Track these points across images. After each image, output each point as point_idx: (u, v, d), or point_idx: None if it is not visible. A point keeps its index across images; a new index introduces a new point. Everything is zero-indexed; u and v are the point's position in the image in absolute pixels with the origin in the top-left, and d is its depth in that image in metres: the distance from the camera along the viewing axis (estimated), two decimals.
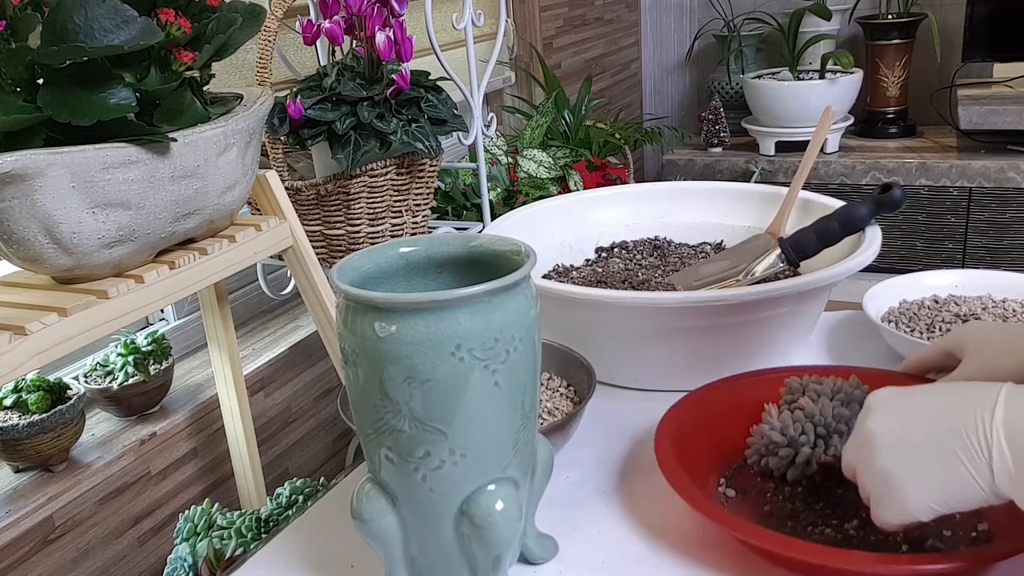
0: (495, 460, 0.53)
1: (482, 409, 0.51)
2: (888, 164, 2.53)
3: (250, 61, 1.56)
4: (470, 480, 0.52)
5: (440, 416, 0.50)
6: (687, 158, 2.79)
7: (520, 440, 0.54)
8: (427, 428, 0.50)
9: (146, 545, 1.29)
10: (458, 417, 0.50)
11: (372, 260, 0.56)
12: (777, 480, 0.69)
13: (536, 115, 2.16)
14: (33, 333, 0.76)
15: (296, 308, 1.69)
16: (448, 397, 0.50)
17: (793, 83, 2.62)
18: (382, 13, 1.24)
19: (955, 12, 2.74)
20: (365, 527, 0.55)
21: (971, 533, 0.61)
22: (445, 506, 0.53)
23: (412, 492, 0.53)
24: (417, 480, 0.52)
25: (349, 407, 0.81)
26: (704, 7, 3.15)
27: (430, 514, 0.54)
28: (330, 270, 0.53)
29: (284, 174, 1.25)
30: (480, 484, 0.53)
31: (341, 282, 0.51)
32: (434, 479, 0.52)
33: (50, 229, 0.76)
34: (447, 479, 0.52)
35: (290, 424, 1.58)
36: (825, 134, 1.02)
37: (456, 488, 0.53)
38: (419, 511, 0.54)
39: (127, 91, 0.77)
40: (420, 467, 0.52)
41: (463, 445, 0.51)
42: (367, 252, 0.56)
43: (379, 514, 0.55)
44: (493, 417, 0.51)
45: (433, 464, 0.51)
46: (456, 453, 0.51)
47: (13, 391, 1.12)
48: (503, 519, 0.52)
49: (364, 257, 0.56)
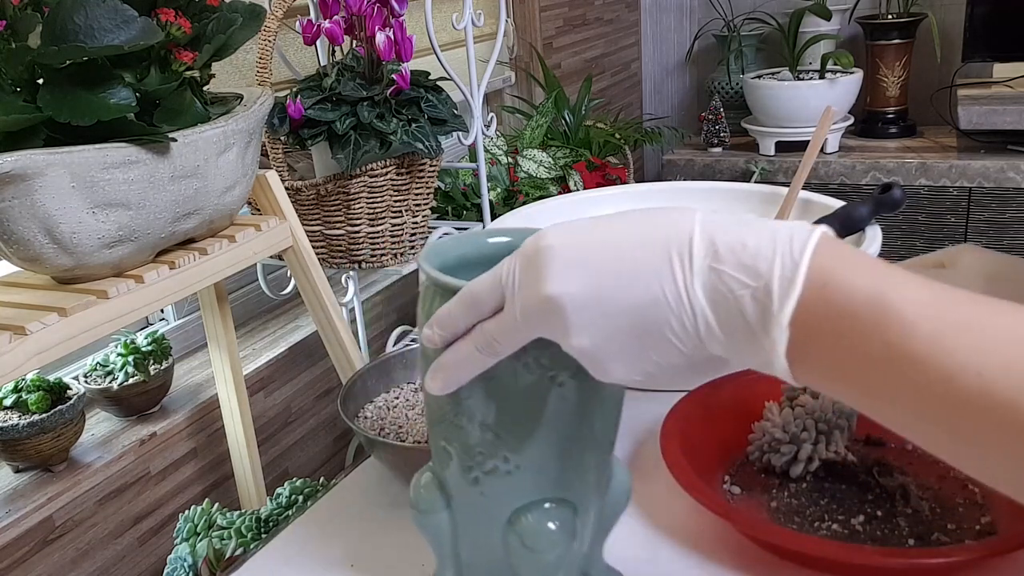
0: (553, 477, 0.49)
1: (543, 422, 0.47)
2: (888, 164, 2.53)
3: (250, 61, 1.56)
4: (523, 492, 0.49)
5: (497, 420, 0.47)
6: (687, 158, 2.79)
7: (586, 462, 0.50)
8: (484, 428, 0.48)
9: (146, 545, 1.29)
10: (516, 424, 0.47)
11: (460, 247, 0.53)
12: (780, 477, 0.69)
13: (536, 115, 2.16)
14: (33, 333, 0.76)
15: (296, 308, 1.69)
16: (507, 402, 0.47)
17: (793, 83, 2.62)
18: (382, 13, 1.24)
19: (955, 12, 2.74)
20: (418, 518, 0.53)
21: (975, 526, 0.61)
22: (495, 513, 0.50)
23: (464, 491, 0.51)
24: (469, 480, 0.50)
25: (349, 407, 0.81)
26: (704, 7, 3.15)
27: (480, 518, 0.51)
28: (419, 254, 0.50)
29: (284, 174, 1.25)
30: (534, 499, 0.49)
31: (428, 265, 0.49)
32: (486, 483, 0.49)
33: (50, 229, 0.76)
34: (499, 486, 0.49)
35: (290, 424, 1.58)
36: (825, 134, 1.02)
37: (508, 497, 0.49)
38: (470, 513, 0.52)
39: (127, 91, 0.77)
40: (474, 467, 0.49)
41: (519, 454, 0.48)
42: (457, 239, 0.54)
43: (433, 508, 0.52)
44: (555, 432, 0.47)
45: (487, 467, 0.49)
46: (511, 461, 0.48)
47: (13, 391, 1.12)
48: (550, 543, 0.49)
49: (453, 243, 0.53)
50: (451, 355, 0.44)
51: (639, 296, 0.38)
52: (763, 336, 0.37)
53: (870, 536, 0.61)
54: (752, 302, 0.37)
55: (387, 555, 0.67)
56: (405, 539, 0.69)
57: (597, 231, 0.40)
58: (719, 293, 0.37)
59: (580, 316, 0.39)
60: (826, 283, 0.36)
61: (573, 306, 0.39)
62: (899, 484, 0.65)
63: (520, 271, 0.41)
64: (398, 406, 0.82)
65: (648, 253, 0.39)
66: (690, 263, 0.38)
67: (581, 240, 0.40)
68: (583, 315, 0.39)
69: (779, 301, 0.36)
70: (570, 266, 0.39)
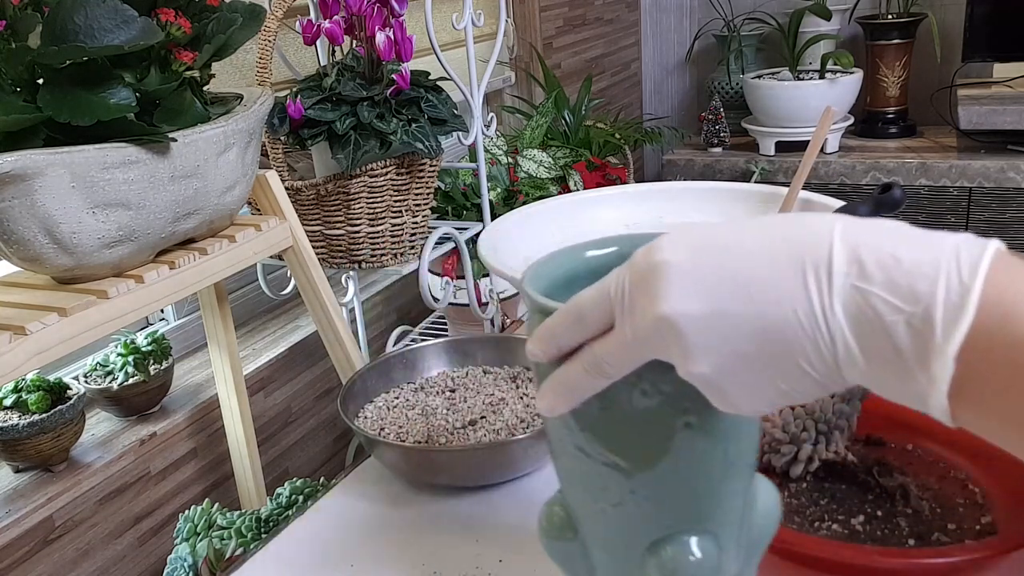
0: (687, 509, 0.45)
1: (668, 452, 0.43)
2: (888, 164, 2.53)
3: (250, 61, 1.56)
4: (655, 526, 0.45)
5: (617, 450, 0.44)
6: (687, 158, 2.79)
7: (722, 491, 0.46)
8: (604, 461, 0.44)
9: (146, 545, 1.29)
10: (637, 455, 0.43)
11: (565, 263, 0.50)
12: (780, 477, 0.69)
13: (536, 115, 2.16)
14: (33, 333, 0.76)
15: (296, 308, 1.69)
16: (626, 431, 0.43)
17: (793, 83, 2.62)
18: (382, 13, 1.24)
19: (955, 12, 2.74)
20: (547, 544, 0.51)
21: (975, 526, 0.61)
22: (628, 545, 0.46)
23: (593, 522, 0.48)
24: (596, 511, 0.46)
25: (349, 407, 0.81)
26: (704, 7, 3.15)
27: (612, 549, 0.48)
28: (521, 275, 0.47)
29: (284, 174, 1.25)
30: (669, 532, 0.45)
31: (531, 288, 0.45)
32: (615, 516, 0.46)
33: (50, 229, 0.76)
34: (629, 519, 0.45)
35: (290, 424, 1.58)
36: (825, 134, 1.02)
37: (639, 530, 0.46)
38: (601, 544, 0.48)
39: (127, 91, 0.77)
40: (599, 499, 0.46)
41: (645, 486, 0.44)
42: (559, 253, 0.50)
43: (562, 535, 0.50)
44: (682, 462, 0.43)
45: (612, 500, 0.45)
46: (638, 494, 0.44)
47: (13, 391, 1.12)
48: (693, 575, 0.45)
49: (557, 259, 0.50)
50: (559, 376, 0.41)
51: (767, 318, 0.34)
52: (919, 369, 0.32)
53: (870, 536, 0.61)
54: (907, 329, 0.31)
55: (387, 555, 0.67)
56: (405, 539, 0.69)
57: (719, 242, 0.36)
58: (864, 317, 0.32)
59: (699, 339, 0.35)
60: (1005, 312, 0.30)
61: (691, 328, 0.35)
62: (899, 484, 0.65)
63: (632, 287, 0.37)
64: (398, 406, 0.82)
65: (778, 268, 0.34)
66: (828, 280, 0.33)
67: (700, 253, 0.36)
68: (703, 338, 0.35)
69: (943, 331, 0.31)
70: (688, 283, 0.35)
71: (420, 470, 0.73)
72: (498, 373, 0.87)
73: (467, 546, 0.68)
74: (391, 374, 0.86)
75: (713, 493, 0.45)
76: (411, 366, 0.87)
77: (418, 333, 1.81)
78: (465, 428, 0.77)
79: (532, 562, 0.65)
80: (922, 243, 0.32)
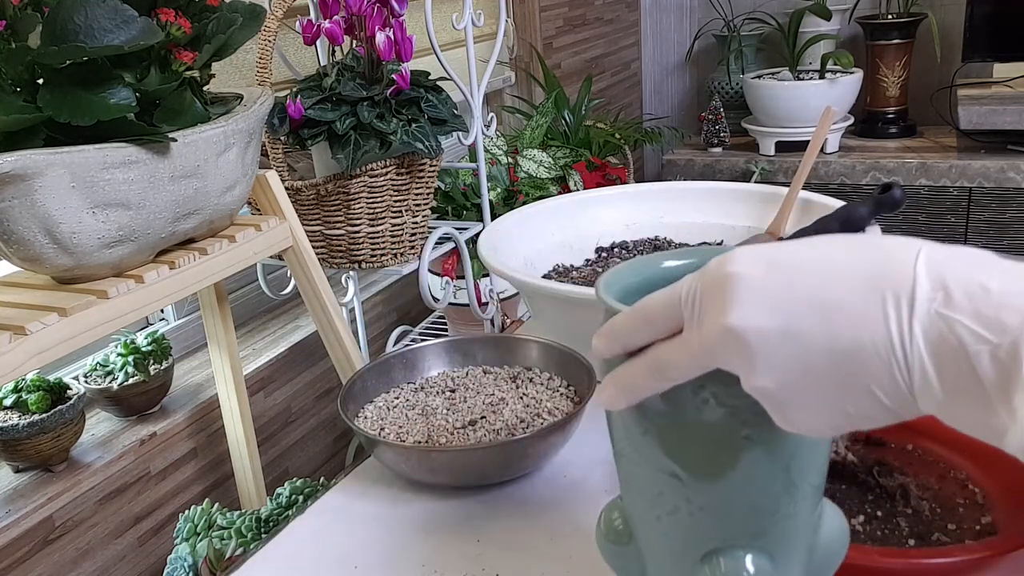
0: (743, 523, 0.45)
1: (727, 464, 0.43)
2: (888, 164, 2.53)
3: (250, 61, 1.56)
4: (709, 537, 0.45)
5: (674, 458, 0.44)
6: (687, 158, 2.79)
7: (783, 509, 0.45)
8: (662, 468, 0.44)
9: (146, 545, 1.29)
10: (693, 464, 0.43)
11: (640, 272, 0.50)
12: None
13: (536, 115, 2.16)
14: (33, 333, 0.76)
15: (296, 308, 1.69)
16: (682, 440, 0.43)
17: (793, 83, 2.62)
18: (382, 13, 1.24)
19: (955, 12, 2.74)
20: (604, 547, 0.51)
21: (975, 526, 0.61)
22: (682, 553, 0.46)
23: (648, 528, 0.48)
24: (652, 518, 0.46)
25: (349, 407, 0.81)
26: (704, 7, 3.15)
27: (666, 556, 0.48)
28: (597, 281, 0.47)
29: (284, 174, 1.26)
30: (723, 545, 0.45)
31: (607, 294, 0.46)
32: (669, 523, 0.46)
33: (50, 229, 0.76)
34: (683, 528, 0.45)
35: (290, 424, 1.58)
36: (825, 134, 1.02)
37: (693, 540, 0.45)
38: (655, 550, 0.48)
39: (127, 91, 0.77)
40: (655, 505, 0.46)
41: (701, 496, 0.44)
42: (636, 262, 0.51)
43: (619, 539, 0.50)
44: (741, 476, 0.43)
45: (668, 507, 0.45)
46: (693, 503, 0.44)
47: (13, 391, 1.12)
48: None
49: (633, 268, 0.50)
50: (621, 372, 0.41)
51: (840, 339, 0.33)
52: (1000, 403, 0.31)
53: (870, 536, 0.61)
54: (991, 361, 0.31)
55: (387, 555, 0.67)
56: (405, 539, 0.69)
57: (795, 259, 0.35)
58: (946, 345, 0.31)
59: (767, 354, 0.34)
60: None
61: (759, 342, 0.34)
62: (899, 484, 0.65)
63: (703, 295, 0.37)
64: (398, 406, 0.82)
65: (856, 290, 0.33)
66: (910, 306, 0.32)
67: (775, 268, 0.35)
68: (770, 354, 0.34)
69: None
70: (759, 297, 0.35)
71: (420, 470, 0.73)
72: (498, 373, 0.86)
73: (468, 546, 0.68)
74: (391, 374, 0.86)
75: (771, 510, 0.44)
76: (411, 366, 0.87)
77: (418, 333, 1.81)
78: (465, 428, 0.77)
79: (533, 562, 0.65)
80: (1012, 274, 0.32)
